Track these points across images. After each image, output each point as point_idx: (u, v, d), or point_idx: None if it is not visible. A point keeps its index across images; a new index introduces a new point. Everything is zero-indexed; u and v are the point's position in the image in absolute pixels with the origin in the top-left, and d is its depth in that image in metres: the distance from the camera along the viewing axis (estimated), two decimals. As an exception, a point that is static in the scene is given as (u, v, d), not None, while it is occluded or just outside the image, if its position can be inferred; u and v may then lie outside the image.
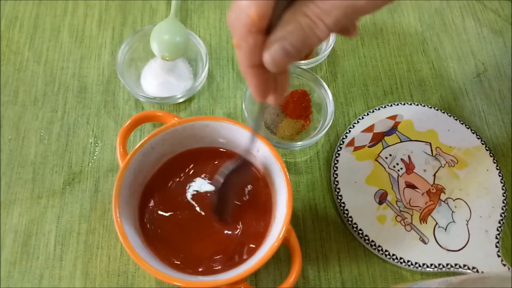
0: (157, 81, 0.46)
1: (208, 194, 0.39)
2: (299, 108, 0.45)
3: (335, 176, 0.43)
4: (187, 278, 0.34)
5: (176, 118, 0.38)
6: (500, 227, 0.42)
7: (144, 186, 0.39)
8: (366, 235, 0.41)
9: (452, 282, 0.27)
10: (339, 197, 0.42)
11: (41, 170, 0.44)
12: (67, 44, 0.50)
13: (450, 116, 0.47)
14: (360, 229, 0.41)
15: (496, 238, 0.41)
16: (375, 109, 0.47)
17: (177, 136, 0.39)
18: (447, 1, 0.55)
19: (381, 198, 0.43)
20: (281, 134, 0.45)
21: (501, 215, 0.42)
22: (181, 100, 0.46)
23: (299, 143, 0.43)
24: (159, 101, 0.45)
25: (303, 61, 0.47)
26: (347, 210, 0.42)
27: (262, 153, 0.38)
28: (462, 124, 0.46)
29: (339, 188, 0.43)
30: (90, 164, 0.44)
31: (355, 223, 0.41)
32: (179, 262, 0.37)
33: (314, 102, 0.46)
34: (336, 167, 0.44)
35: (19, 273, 0.39)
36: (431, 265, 0.40)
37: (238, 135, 0.39)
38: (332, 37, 0.48)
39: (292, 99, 0.45)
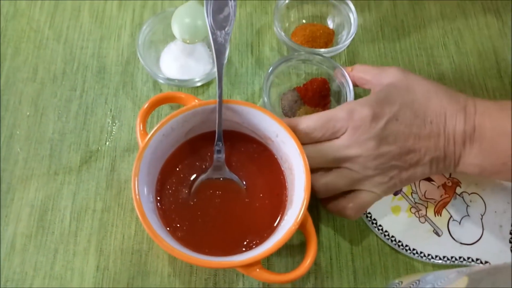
0: (176, 63, 0.46)
1: (222, 178, 0.40)
2: (318, 96, 0.45)
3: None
4: (203, 257, 0.34)
5: (196, 100, 0.39)
6: (515, 223, 0.41)
7: (161, 166, 0.40)
8: (380, 225, 0.41)
9: (467, 272, 0.27)
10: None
11: (58, 147, 0.44)
12: (87, 24, 0.51)
13: (468, 110, 0.47)
14: (374, 219, 0.41)
15: (510, 234, 0.41)
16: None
17: (197, 118, 0.39)
18: (470, -4, 0.54)
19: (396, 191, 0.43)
20: None
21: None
22: (199, 84, 0.46)
23: None
24: (178, 83, 0.45)
25: (323, 49, 0.47)
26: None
27: (281, 138, 0.38)
28: (480, 119, 0.46)
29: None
30: (107, 143, 0.45)
31: (369, 213, 0.41)
32: (193, 243, 0.37)
33: (333, 91, 0.46)
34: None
35: (34, 247, 0.40)
36: (444, 257, 0.40)
37: (258, 120, 0.39)
38: (353, 28, 0.48)
39: (312, 86, 0.45)
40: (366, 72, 0.41)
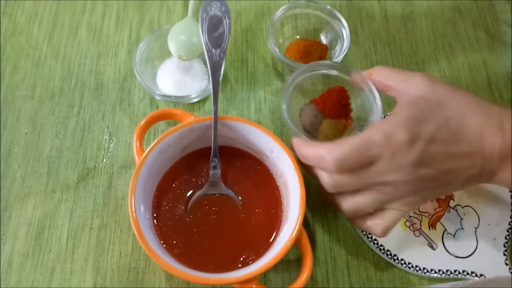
0: (172, 80, 0.47)
1: (218, 194, 0.40)
2: (338, 106, 0.42)
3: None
4: (200, 274, 0.34)
5: (192, 117, 0.39)
6: (508, 235, 0.42)
7: (158, 183, 0.40)
8: (375, 239, 0.41)
9: (461, 285, 0.28)
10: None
11: (56, 164, 0.45)
12: (85, 42, 0.51)
13: (460, 124, 0.47)
14: (369, 233, 0.42)
15: (504, 246, 0.41)
16: (386, 114, 0.48)
17: (193, 135, 0.39)
18: (459, 11, 0.55)
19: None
20: (323, 137, 0.42)
21: (509, 224, 0.42)
22: (195, 100, 0.47)
23: None
24: (174, 99, 0.46)
25: (317, 65, 0.48)
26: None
27: (276, 153, 0.39)
28: (472, 132, 0.47)
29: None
30: (104, 160, 0.45)
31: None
32: (190, 259, 0.37)
33: (353, 97, 0.43)
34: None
35: (31, 265, 0.40)
36: (439, 271, 0.40)
37: (253, 135, 0.39)
38: (346, 43, 0.49)
39: (330, 97, 0.42)
40: (388, 78, 0.38)
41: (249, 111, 0.48)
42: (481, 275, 0.40)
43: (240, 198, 0.40)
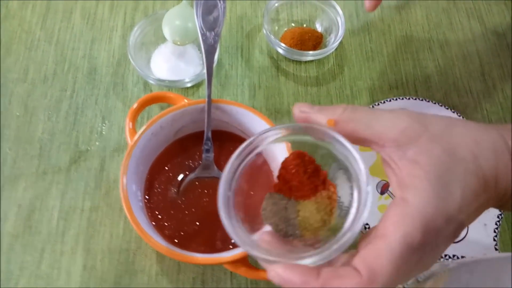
0: (167, 64, 0.47)
1: (211, 177, 0.40)
2: (307, 179, 0.27)
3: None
4: (190, 254, 0.34)
5: (185, 100, 0.39)
6: (498, 221, 0.42)
7: (150, 165, 0.40)
8: (367, 224, 0.41)
9: (450, 264, 0.28)
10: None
11: (47, 147, 0.44)
12: (79, 26, 0.51)
13: (454, 112, 0.48)
14: (361, 218, 0.42)
15: (494, 232, 0.42)
16: (380, 102, 0.48)
17: (186, 118, 0.39)
18: (454, 2, 0.56)
19: (383, 189, 0.43)
20: (310, 233, 0.27)
21: (500, 210, 0.43)
22: (189, 85, 0.47)
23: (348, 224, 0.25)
24: (168, 84, 0.46)
25: (311, 51, 0.48)
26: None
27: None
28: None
29: (342, 177, 0.43)
30: (97, 144, 0.45)
31: (356, 212, 0.42)
32: (181, 241, 0.37)
33: (319, 157, 0.28)
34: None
35: (21, 246, 0.40)
36: (430, 256, 0.40)
37: (246, 119, 0.39)
38: (341, 31, 0.49)
39: (289, 173, 0.27)
40: (357, 123, 0.26)
41: (243, 97, 0.48)
42: (471, 260, 0.40)
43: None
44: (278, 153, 0.29)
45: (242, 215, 0.27)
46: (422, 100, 0.48)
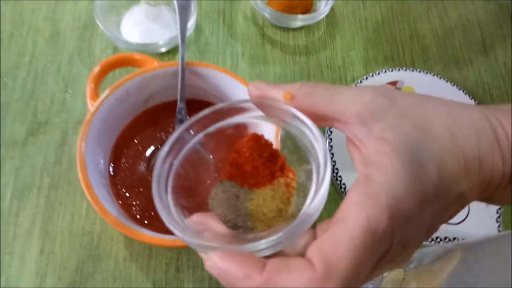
0: (139, 28, 0.42)
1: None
2: (263, 163, 0.23)
3: (329, 141, 0.40)
4: (160, 236, 0.29)
5: (156, 63, 0.34)
6: (501, 202, 0.39)
7: (117, 137, 0.35)
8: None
9: (457, 245, 0.24)
10: (333, 163, 0.39)
11: (1, 117, 0.39)
12: (41, -15, 0.46)
13: (453, 85, 0.44)
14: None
15: (497, 213, 0.38)
16: (375, 73, 0.44)
17: (157, 83, 0.35)
18: (454, -31, 0.52)
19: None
20: (263, 224, 0.23)
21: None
22: (164, 50, 0.42)
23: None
24: (141, 47, 0.41)
25: (300, 15, 0.43)
26: (340, 176, 0.38)
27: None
28: (466, 94, 0.43)
29: (334, 156, 0.39)
30: (58, 114, 0.40)
31: (343, 183, 0.38)
32: (151, 222, 0.33)
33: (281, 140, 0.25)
34: (330, 133, 0.40)
35: (-31, 229, 0.35)
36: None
37: (226, 85, 0.35)
38: (332, -4, 0.44)
39: (244, 157, 0.23)
40: (316, 97, 0.22)
41: (225, 65, 0.43)
42: (472, 244, 0.37)
43: (211, 156, 0.36)
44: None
45: (184, 202, 0.23)
46: (419, 72, 0.44)
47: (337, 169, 0.39)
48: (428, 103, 0.21)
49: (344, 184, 0.38)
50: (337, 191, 0.39)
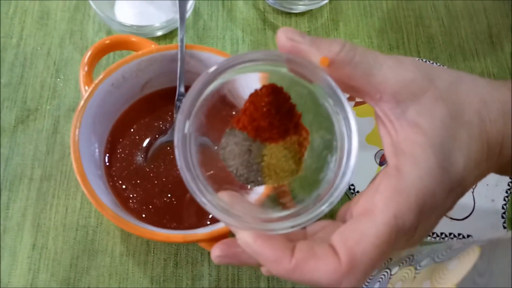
0: (134, 10, 0.40)
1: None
2: (279, 117, 0.22)
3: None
4: (159, 230, 0.28)
5: (153, 46, 0.32)
6: (507, 197, 0.38)
7: (112, 125, 0.33)
8: (352, 185, 0.37)
9: (476, 241, 0.23)
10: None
11: (-12, 104, 0.37)
12: (28, -38, 0.43)
13: (460, 75, 0.43)
14: (358, 191, 0.37)
15: (503, 208, 0.38)
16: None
17: (155, 67, 0.33)
18: (461, -44, 0.50)
19: (382, 160, 0.38)
20: (273, 181, 0.23)
21: (508, 184, 0.39)
22: (160, 33, 0.40)
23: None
24: (136, 30, 0.39)
25: (302, 1, 0.42)
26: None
27: (255, 93, 0.33)
28: (472, 85, 0.42)
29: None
30: (49, 101, 0.38)
31: (352, 185, 0.37)
32: (148, 215, 0.31)
33: (297, 96, 0.23)
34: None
35: (-46, 222, 0.33)
36: (433, 234, 0.36)
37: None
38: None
39: (259, 107, 0.21)
40: (355, 67, 0.20)
41: (224, 51, 0.41)
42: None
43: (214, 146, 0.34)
44: (246, 86, 0.22)
45: (204, 170, 0.21)
46: (425, 61, 0.43)
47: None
48: (462, 83, 0.21)
49: (352, 185, 0.37)
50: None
